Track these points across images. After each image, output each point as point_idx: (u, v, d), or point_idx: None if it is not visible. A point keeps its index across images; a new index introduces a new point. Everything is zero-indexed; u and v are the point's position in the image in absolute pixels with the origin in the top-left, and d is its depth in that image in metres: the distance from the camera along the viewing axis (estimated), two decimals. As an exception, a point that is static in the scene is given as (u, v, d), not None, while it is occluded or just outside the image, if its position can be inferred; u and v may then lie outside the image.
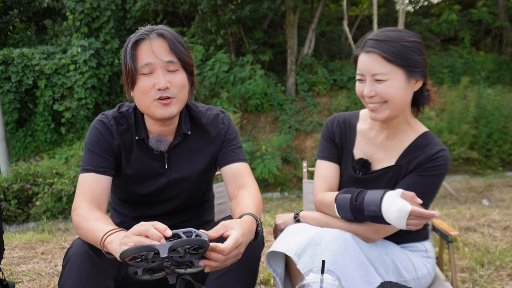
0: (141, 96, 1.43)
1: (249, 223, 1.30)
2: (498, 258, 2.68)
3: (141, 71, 1.40)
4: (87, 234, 1.31)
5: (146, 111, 1.46)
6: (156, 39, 1.41)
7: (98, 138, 1.50)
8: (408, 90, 1.46)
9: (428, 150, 1.49)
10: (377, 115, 1.48)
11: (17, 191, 8.87)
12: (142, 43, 1.41)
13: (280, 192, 9.46)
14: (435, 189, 1.49)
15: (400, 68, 1.42)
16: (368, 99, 1.47)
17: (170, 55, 1.42)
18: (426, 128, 1.59)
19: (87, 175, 1.46)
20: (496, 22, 12.63)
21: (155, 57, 1.39)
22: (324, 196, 1.58)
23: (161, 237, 1.10)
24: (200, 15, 11.03)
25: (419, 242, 1.65)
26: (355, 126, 1.66)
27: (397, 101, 1.44)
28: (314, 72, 11.73)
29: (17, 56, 10.55)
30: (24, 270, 2.59)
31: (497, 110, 9.93)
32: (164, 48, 1.41)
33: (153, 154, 1.56)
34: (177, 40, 1.44)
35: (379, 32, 1.48)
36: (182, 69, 1.45)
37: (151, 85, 1.40)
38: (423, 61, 1.46)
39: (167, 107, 1.42)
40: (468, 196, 7.89)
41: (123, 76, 1.46)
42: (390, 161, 1.56)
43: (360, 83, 1.50)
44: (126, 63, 1.42)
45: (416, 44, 1.45)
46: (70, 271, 1.27)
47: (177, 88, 1.43)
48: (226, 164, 1.59)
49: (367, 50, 1.45)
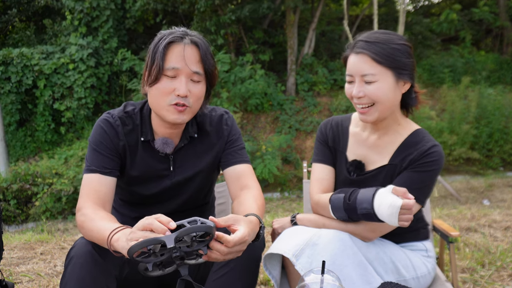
0: (158, 96, 1.42)
1: (254, 223, 1.30)
2: (499, 259, 2.68)
3: (166, 72, 1.40)
4: (92, 234, 1.30)
5: (158, 112, 1.45)
6: (190, 45, 1.41)
7: (103, 137, 1.49)
8: (397, 92, 1.48)
9: (420, 147, 1.50)
10: (366, 117, 1.51)
11: (16, 191, 8.87)
12: (175, 46, 1.40)
13: (280, 192, 9.46)
14: (430, 185, 1.50)
15: (389, 69, 1.45)
16: (357, 100, 1.50)
17: (198, 66, 1.42)
18: (418, 126, 1.61)
19: (92, 176, 1.45)
20: (497, 21, 12.63)
21: (184, 64, 1.39)
22: (319, 197, 1.59)
23: (165, 230, 1.09)
24: (198, 15, 11.01)
25: (419, 242, 1.66)
26: (347, 128, 1.69)
27: (385, 103, 1.47)
28: (314, 72, 11.73)
29: (17, 56, 10.51)
30: (23, 271, 2.59)
31: (498, 110, 9.93)
32: (195, 57, 1.42)
33: (158, 156, 1.55)
34: (209, 51, 1.45)
35: (369, 34, 1.51)
36: (204, 81, 1.46)
37: (172, 89, 1.40)
38: (411, 64, 1.49)
39: (181, 114, 1.42)
40: (469, 196, 7.90)
41: (144, 70, 1.46)
42: (383, 161, 1.58)
43: (349, 84, 1.53)
44: (154, 60, 1.40)
45: (405, 47, 1.48)
46: (72, 271, 1.26)
47: (195, 99, 1.43)
48: (229, 166, 1.58)
49: (357, 51, 1.48)
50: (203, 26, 11.08)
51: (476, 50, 13.06)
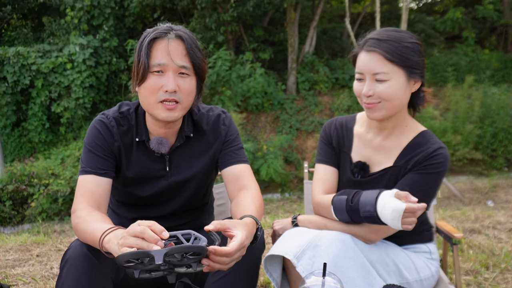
0: (147, 95, 1.41)
1: (250, 226, 1.28)
2: (503, 261, 2.65)
3: (153, 69, 1.39)
4: (85, 235, 1.29)
5: (149, 110, 1.45)
6: (174, 40, 1.40)
7: (98, 138, 1.49)
8: (407, 91, 1.48)
9: (426, 149, 1.50)
10: (373, 113, 1.50)
11: (12, 192, 8.81)
12: (159, 41, 1.39)
13: (281, 193, 9.40)
14: (434, 188, 1.49)
15: (401, 68, 1.44)
16: (366, 98, 1.48)
17: (185, 60, 1.41)
18: (424, 127, 1.60)
19: (87, 177, 1.45)
20: (502, 19, 12.57)
21: (169, 59, 1.38)
22: (322, 199, 1.59)
23: (157, 240, 1.07)
24: (199, 11, 10.92)
25: (422, 244, 1.65)
26: (352, 129, 1.68)
27: (395, 101, 1.46)
28: (315, 70, 11.66)
29: (13, 55, 10.33)
30: (19, 273, 2.56)
31: (502, 109, 9.89)
32: (180, 51, 1.40)
33: (153, 156, 1.55)
34: (195, 44, 1.43)
35: (380, 31, 1.49)
36: (193, 75, 1.44)
37: (160, 85, 1.39)
38: (422, 62, 1.49)
39: (172, 111, 1.41)
40: (472, 197, 7.86)
41: (132, 70, 1.45)
42: (388, 163, 1.57)
43: (358, 82, 1.51)
44: (140, 58, 1.39)
45: (416, 46, 1.47)
46: (68, 273, 1.26)
47: (185, 94, 1.42)
48: (226, 166, 1.58)
49: (368, 49, 1.46)
50: (202, 23, 10.99)
51: (480, 49, 13.03)
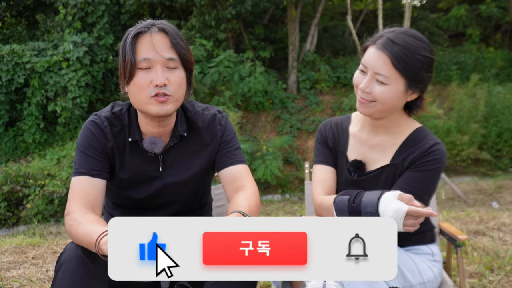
0: (137, 92, 1.40)
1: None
2: (508, 263, 2.66)
3: (140, 65, 1.37)
4: (80, 238, 1.28)
5: (141, 107, 1.43)
6: (158, 33, 1.39)
7: (91, 139, 1.48)
8: (402, 99, 1.49)
9: (422, 145, 1.51)
10: (363, 109, 1.52)
11: (7, 193, 8.72)
12: (143, 37, 1.39)
13: (281, 194, 9.32)
14: (433, 184, 1.51)
15: (403, 77, 1.44)
16: (361, 92, 1.50)
17: (171, 52, 1.40)
18: (419, 124, 1.61)
19: (80, 178, 1.43)
20: (506, 17, 12.48)
21: (155, 53, 1.37)
22: (323, 199, 1.59)
23: None
24: (198, 8, 10.82)
25: (425, 245, 1.65)
26: (347, 129, 1.69)
27: (388, 105, 1.48)
28: (316, 69, 11.58)
29: (7, 53, 10.18)
30: (15, 276, 2.55)
31: (507, 108, 9.83)
32: (165, 43, 1.39)
33: (147, 156, 1.54)
34: (179, 36, 1.43)
35: (397, 32, 1.47)
36: (181, 67, 1.43)
37: (149, 81, 1.38)
38: (427, 78, 1.49)
39: (164, 104, 1.39)
40: (477, 198, 7.80)
41: (119, 70, 1.44)
42: (384, 161, 1.59)
43: (360, 73, 1.51)
44: (125, 56, 1.39)
45: (427, 60, 1.46)
46: (63, 277, 1.24)
47: (175, 86, 1.41)
48: (224, 167, 1.56)
49: (379, 47, 1.45)
50: (202, 21, 10.89)
51: (484, 47, 12.96)
